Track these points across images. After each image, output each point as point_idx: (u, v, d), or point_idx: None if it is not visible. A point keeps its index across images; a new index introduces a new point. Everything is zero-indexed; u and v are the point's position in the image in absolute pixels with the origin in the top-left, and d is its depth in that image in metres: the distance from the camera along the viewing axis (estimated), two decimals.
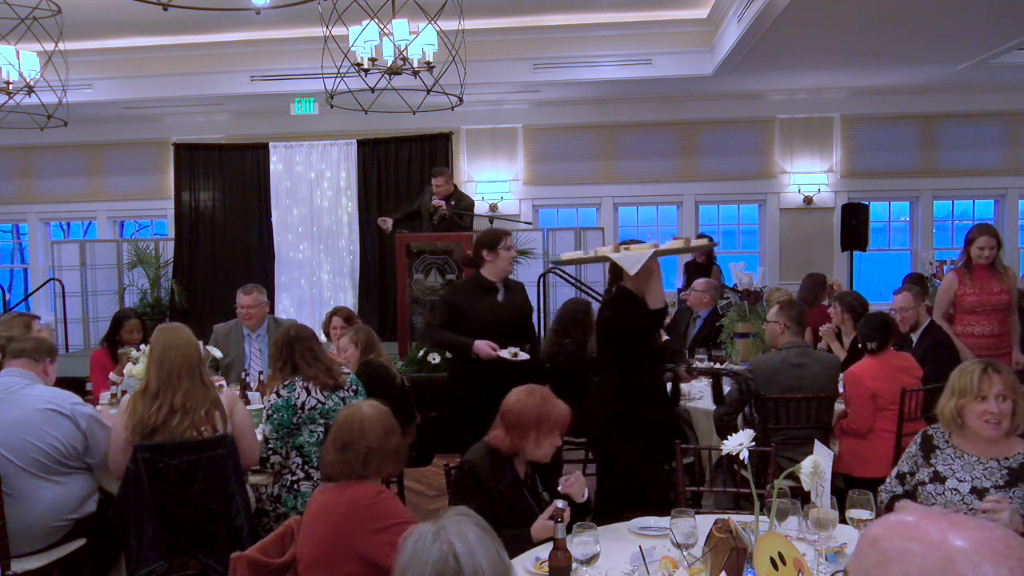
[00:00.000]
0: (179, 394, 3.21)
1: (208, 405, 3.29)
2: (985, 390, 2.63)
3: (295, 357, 3.64)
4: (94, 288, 9.40)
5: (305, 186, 9.56)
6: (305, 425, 3.58)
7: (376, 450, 2.52)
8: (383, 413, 2.64)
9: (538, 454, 2.75)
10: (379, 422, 2.58)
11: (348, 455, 2.51)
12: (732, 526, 2.18)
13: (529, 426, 2.69)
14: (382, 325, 9.12)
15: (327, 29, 4.89)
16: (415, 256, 6.93)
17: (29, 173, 10.60)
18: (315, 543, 2.38)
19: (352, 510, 2.41)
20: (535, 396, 2.76)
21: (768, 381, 4.01)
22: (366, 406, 2.66)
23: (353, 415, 2.60)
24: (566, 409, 2.77)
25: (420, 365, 6.43)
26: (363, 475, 2.51)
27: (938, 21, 6.52)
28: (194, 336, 3.43)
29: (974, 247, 4.93)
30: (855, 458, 4.06)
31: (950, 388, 2.74)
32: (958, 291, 4.95)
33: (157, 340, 3.34)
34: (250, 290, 5.22)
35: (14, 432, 3.13)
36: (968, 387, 2.67)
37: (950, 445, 2.77)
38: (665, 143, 10.01)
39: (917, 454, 2.84)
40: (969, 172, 9.85)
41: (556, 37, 8.33)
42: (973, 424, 2.67)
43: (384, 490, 2.55)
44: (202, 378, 3.33)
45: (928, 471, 2.77)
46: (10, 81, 5.78)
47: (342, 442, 2.53)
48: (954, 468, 2.72)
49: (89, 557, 3.36)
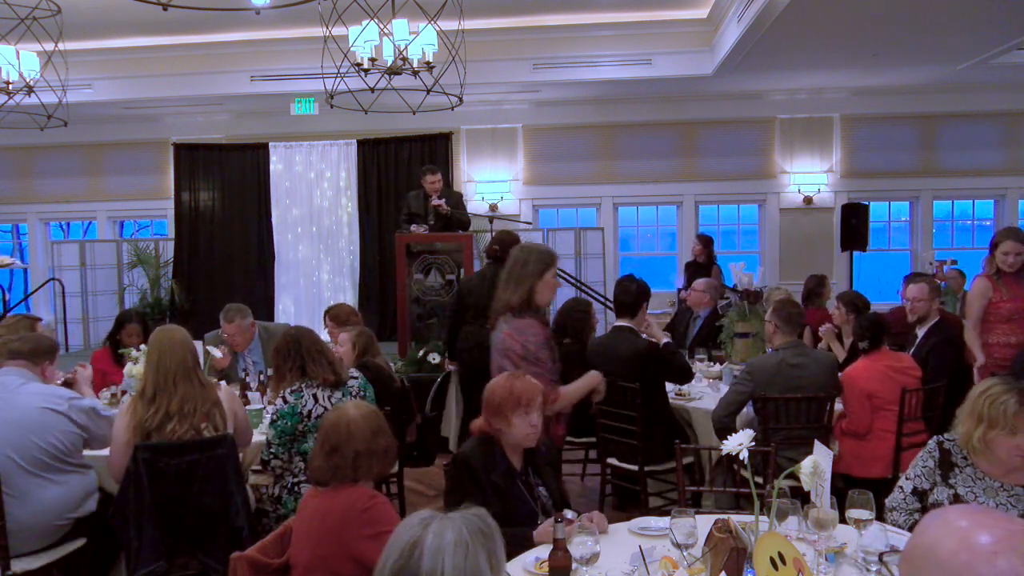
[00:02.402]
0: (175, 399, 3.21)
1: (208, 406, 3.29)
2: (1019, 426, 2.44)
3: (303, 354, 3.61)
4: (94, 288, 9.40)
5: (305, 186, 9.56)
6: (311, 433, 3.56)
7: (365, 452, 2.49)
8: (370, 413, 2.60)
9: (515, 435, 2.76)
10: (365, 423, 2.54)
11: (336, 459, 2.47)
12: (732, 526, 2.18)
13: (500, 405, 2.74)
14: (382, 325, 9.12)
15: (327, 29, 4.88)
16: (415, 256, 6.92)
17: (29, 173, 10.60)
18: (311, 548, 2.37)
19: (348, 515, 2.39)
20: (506, 377, 2.84)
21: (766, 382, 4.01)
22: (352, 408, 2.62)
23: (339, 418, 2.56)
24: (535, 385, 2.80)
25: (420, 365, 6.43)
26: (354, 478, 2.48)
27: (938, 21, 6.52)
28: (190, 338, 3.42)
29: (999, 252, 4.55)
30: (855, 458, 4.06)
31: (976, 414, 2.51)
32: (993, 298, 4.58)
33: (153, 344, 3.34)
34: (232, 317, 4.98)
35: (12, 431, 3.13)
36: (999, 419, 2.45)
37: (969, 464, 2.60)
38: (665, 143, 10.01)
39: (935, 470, 2.66)
40: (969, 172, 9.85)
41: (556, 37, 8.33)
42: (1002, 456, 2.49)
43: (377, 495, 2.51)
44: (200, 380, 3.32)
45: (947, 492, 2.61)
46: (10, 81, 5.78)
47: (330, 446, 2.50)
48: (975, 492, 2.57)
49: (89, 557, 3.36)
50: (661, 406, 4.46)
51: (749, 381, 4.05)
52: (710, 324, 5.86)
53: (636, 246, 10.61)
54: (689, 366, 4.54)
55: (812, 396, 3.99)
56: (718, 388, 4.77)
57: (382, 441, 2.56)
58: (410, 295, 6.90)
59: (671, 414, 4.56)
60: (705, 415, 4.40)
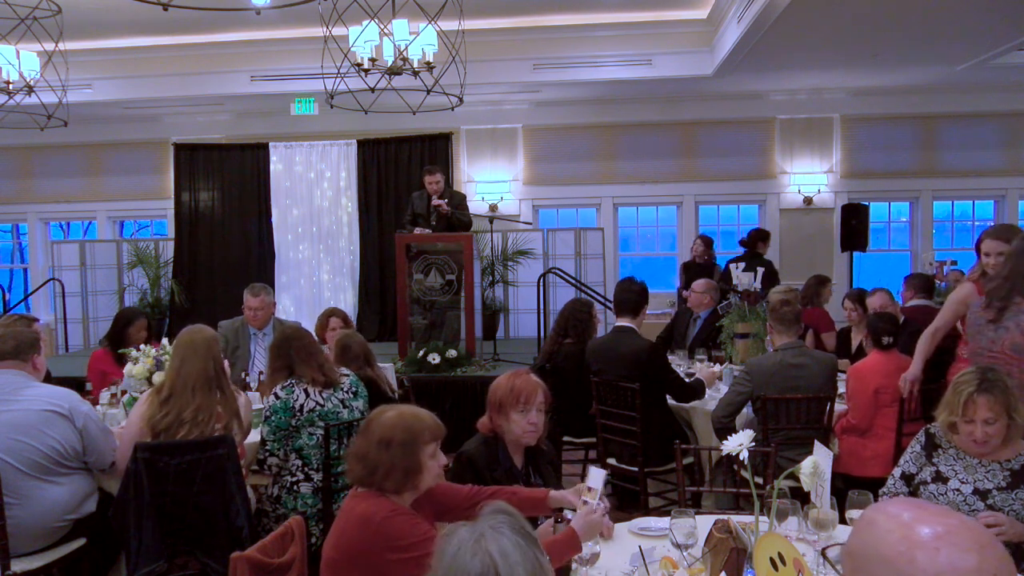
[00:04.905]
0: (190, 408, 3.23)
1: (229, 416, 3.32)
2: (971, 414, 2.60)
3: (291, 355, 3.64)
4: (94, 288, 9.40)
5: (305, 186, 9.56)
6: (304, 427, 3.57)
7: (388, 464, 2.26)
8: (404, 419, 2.34)
9: (514, 431, 2.78)
10: (391, 432, 2.29)
11: (361, 465, 2.29)
12: (732, 526, 2.18)
13: (501, 402, 2.77)
14: (382, 325, 9.12)
15: (327, 29, 4.88)
16: (415, 256, 6.92)
17: (29, 173, 10.60)
18: (331, 547, 2.29)
19: (365, 527, 2.21)
20: (509, 375, 2.86)
21: (765, 382, 4.01)
22: (391, 412, 2.37)
23: (374, 419, 2.36)
24: (535, 382, 2.83)
25: (420, 365, 6.43)
26: (381, 488, 2.28)
27: (938, 22, 6.52)
28: (217, 342, 3.43)
29: (982, 254, 3.96)
30: (855, 458, 4.06)
31: (946, 400, 2.71)
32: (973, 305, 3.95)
33: (178, 346, 3.35)
34: (258, 291, 5.25)
35: (12, 433, 3.12)
36: (956, 406, 2.63)
37: (952, 445, 2.74)
38: (665, 143, 10.01)
39: (920, 453, 2.82)
40: (969, 172, 9.85)
41: (556, 37, 8.33)
42: (960, 441, 2.68)
43: (398, 507, 2.26)
44: (222, 389, 3.34)
45: (931, 470, 2.75)
46: (10, 81, 5.78)
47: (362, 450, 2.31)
48: (956, 469, 2.70)
49: (89, 557, 3.35)
50: (661, 407, 4.46)
51: (748, 381, 4.05)
52: (710, 324, 5.87)
53: (636, 246, 10.61)
54: (702, 388, 4.56)
55: (812, 396, 3.99)
56: (718, 388, 4.76)
57: (411, 454, 2.30)
58: (410, 295, 6.90)
59: (671, 415, 4.56)
60: (705, 415, 4.40)
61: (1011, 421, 2.60)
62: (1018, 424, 2.61)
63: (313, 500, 3.58)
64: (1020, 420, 2.61)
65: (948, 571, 0.99)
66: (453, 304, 6.92)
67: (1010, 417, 2.59)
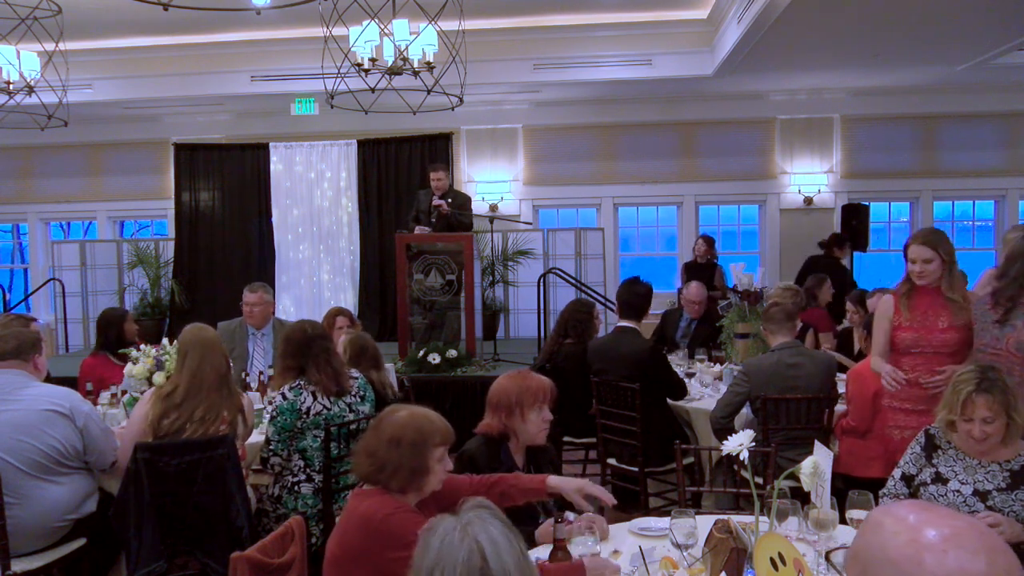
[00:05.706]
0: (200, 408, 3.23)
1: (233, 413, 3.33)
2: (969, 413, 2.61)
3: (308, 357, 3.57)
4: (94, 288, 9.40)
5: (305, 186, 9.56)
6: (309, 430, 3.56)
7: (396, 463, 2.26)
8: (416, 419, 2.33)
9: (529, 431, 2.78)
10: (402, 431, 2.29)
11: (369, 461, 2.30)
12: (732, 526, 2.18)
13: (512, 403, 2.77)
14: (382, 325, 9.12)
15: (327, 29, 4.88)
16: (415, 256, 6.92)
17: (29, 173, 10.60)
18: (334, 545, 2.29)
19: (366, 526, 2.21)
20: (513, 376, 2.86)
21: (763, 382, 4.01)
22: (404, 411, 2.37)
23: (385, 418, 2.36)
24: (548, 381, 2.84)
25: (420, 365, 6.43)
26: (386, 486, 2.27)
27: (937, 22, 6.52)
28: (220, 340, 3.48)
29: (908, 260, 3.66)
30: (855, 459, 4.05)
31: (945, 399, 2.72)
32: (893, 321, 3.63)
33: (191, 346, 3.34)
34: (256, 288, 5.27)
35: (13, 433, 3.12)
36: (955, 404, 2.64)
37: (952, 446, 2.74)
38: (665, 143, 10.01)
39: (920, 454, 2.81)
40: (969, 172, 9.85)
41: (556, 37, 8.32)
42: (960, 441, 2.69)
43: (400, 505, 2.24)
44: (229, 387, 3.36)
45: (930, 471, 2.75)
46: (10, 81, 5.78)
47: (371, 447, 2.30)
48: (956, 470, 2.70)
49: (89, 557, 3.36)
50: (661, 407, 4.46)
51: (746, 382, 4.05)
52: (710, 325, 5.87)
53: (636, 246, 10.61)
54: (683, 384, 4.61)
55: (811, 396, 3.99)
56: (718, 388, 4.76)
57: (419, 454, 2.30)
58: (410, 295, 6.89)
59: (671, 415, 4.56)
60: (705, 415, 4.40)
61: (1010, 421, 2.60)
62: (1018, 424, 2.61)
63: (314, 500, 3.57)
64: (1020, 420, 2.61)
65: (956, 573, 0.99)
66: (453, 304, 6.92)
67: (1009, 417, 2.59)
